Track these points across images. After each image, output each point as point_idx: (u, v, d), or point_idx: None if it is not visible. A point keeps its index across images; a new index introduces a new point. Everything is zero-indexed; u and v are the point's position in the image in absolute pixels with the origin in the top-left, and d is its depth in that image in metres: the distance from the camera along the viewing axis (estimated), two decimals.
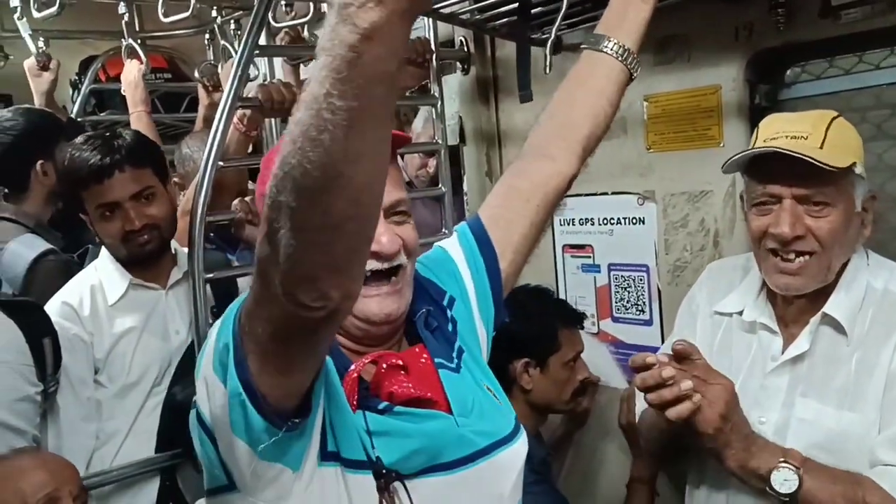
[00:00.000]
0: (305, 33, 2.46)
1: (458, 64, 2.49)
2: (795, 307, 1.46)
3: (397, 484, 1.01)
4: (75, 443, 1.81)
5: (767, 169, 1.39)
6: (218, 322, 0.97)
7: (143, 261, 1.93)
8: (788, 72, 1.92)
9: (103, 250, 1.97)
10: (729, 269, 1.63)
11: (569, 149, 1.32)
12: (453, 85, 2.50)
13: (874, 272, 1.43)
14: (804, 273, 1.38)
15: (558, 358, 2.01)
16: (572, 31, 2.14)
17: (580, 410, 2.14)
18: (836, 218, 1.35)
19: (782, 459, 1.31)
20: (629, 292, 2.22)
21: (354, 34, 0.64)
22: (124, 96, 2.91)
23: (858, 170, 1.37)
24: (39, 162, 2.28)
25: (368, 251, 0.87)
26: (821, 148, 1.34)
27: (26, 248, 2.11)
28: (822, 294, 1.42)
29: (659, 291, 2.15)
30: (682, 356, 1.36)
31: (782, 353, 1.46)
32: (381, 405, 1.05)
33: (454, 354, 1.17)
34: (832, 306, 1.41)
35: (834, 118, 1.42)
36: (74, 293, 1.89)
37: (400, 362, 1.10)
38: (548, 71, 1.45)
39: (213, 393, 0.95)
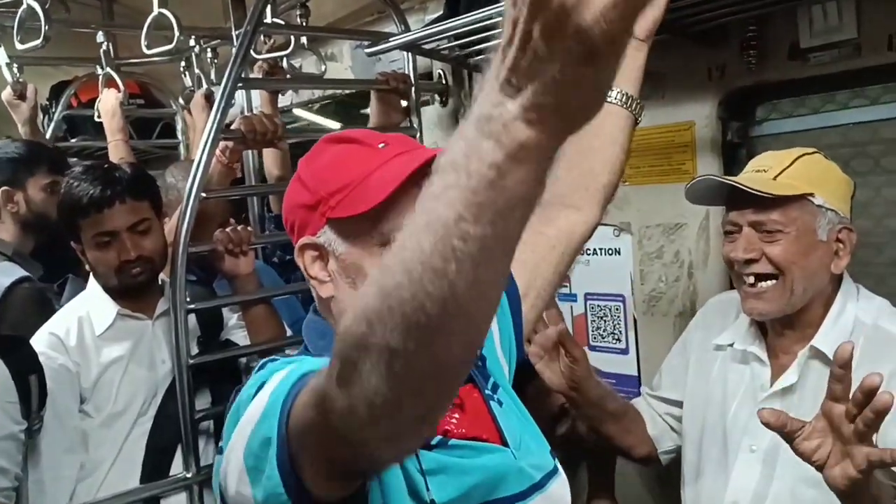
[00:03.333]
0: (285, 64, 2.48)
1: (436, 96, 2.52)
2: (786, 339, 1.51)
3: None
4: (57, 476, 1.79)
5: (732, 200, 1.50)
6: (251, 415, 0.86)
7: (133, 291, 1.94)
8: (759, 110, 1.99)
9: (91, 282, 1.97)
10: (726, 303, 1.67)
11: (592, 199, 1.35)
12: (431, 116, 2.54)
13: (863, 307, 1.47)
14: (766, 297, 1.45)
15: (534, 386, 2.03)
16: None
17: (558, 435, 2.16)
18: (788, 244, 1.42)
19: None
20: (605, 321, 2.26)
21: (500, 152, 0.55)
22: (95, 122, 2.91)
23: (818, 200, 1.43)
24: (2, 189, 2.28)
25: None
26: (774, 179, 1.45)
27: (1, 275, 2.10)
28: (812, 327, 1.47)
29: (635, 321, 2.19)
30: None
31: (771, 384, 1.50)
32: (435, 440, 1.00)
33: (490, 388, 1.15)
34: (820, 339, 1.45)
35: (806, 154, 1.51)
36: (61, 324, 1.89)
37: (457, 400, 1.06)
38: None
39: (242, 478, 0.86)
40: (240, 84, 1.99)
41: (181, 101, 2.95)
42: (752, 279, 1.46)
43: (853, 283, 1.52)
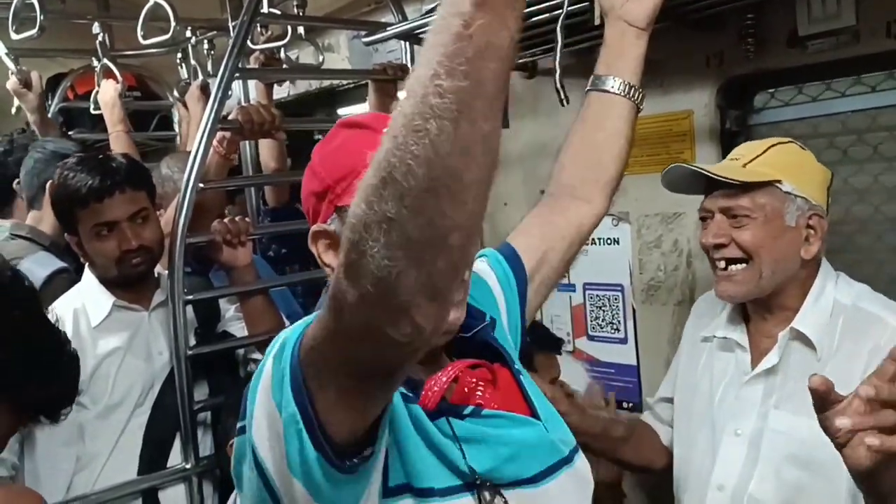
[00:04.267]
0: (282, 54, 2.47)
1: None
2: (767, 323, 1.54)
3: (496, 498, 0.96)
4: (53, 468, 1.79)
5: (707, 188, 1.54)
6: (270, 353, 0.88)
7: (130, 283, 1.93)
8: (758, 98, 1.98)
9: (86, 273, 1.96)
10: (711, 297, 1.69)
11: (602, 191, 1.37)
12: None
13: (842, 290, 1.50)
14: (735, 279, 1.49)
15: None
16: (546, 56, 2.19)
17: None
18: (756, 229, 1.46)
19: None
20: (604, 311, 2.26)
21: (465, 2, 0.59)
22: (93, 115, 2.90)
23: (787, 187, 1.46)
24: (49, 182, 2.27)
25: (469, 272, 0.77)
26: (744, 167, 1.50)
27: (39, 266, 2.13)
28: (791, 310, 1.50)
29: (633, 310, 2.19)
30: None
31: (752, 368, 1.53)
32: (468, 410, 1.01)
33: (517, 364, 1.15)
34: (800, 321, 1.48)
35: (780, 143, 1.54)
36: (56, 316, 1.87)
37: (489, 375, 1.06)
38: (565, 103, 1.50)
39: (271, 425, 0.86)
40: (237, 74, 1.99)
41: (176, 93, 2.93)
42: (723, 263, 1.51)
43: (832, 268, 1.54)
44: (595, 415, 1.68)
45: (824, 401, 1.08)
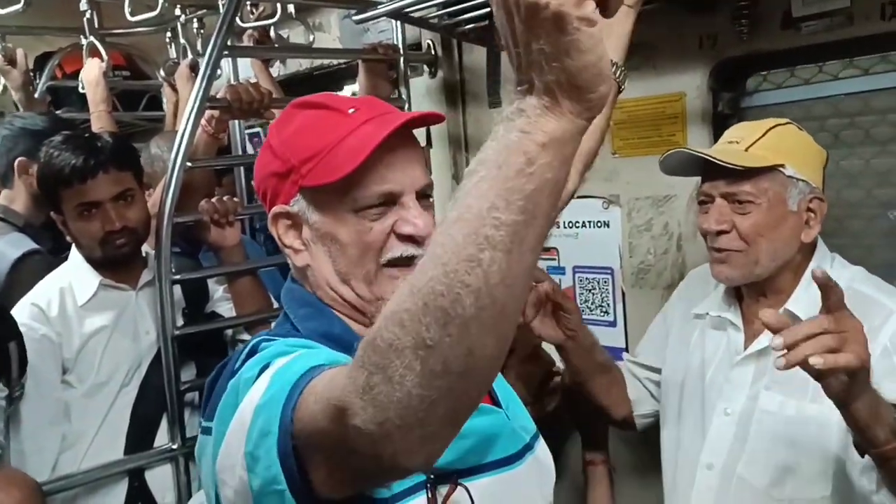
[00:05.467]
0: (273, 33, 2.45)
1: (425, 67, 2.50)
2: (761, 305, 1.53)
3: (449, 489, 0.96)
4: (39, 447, 1.78)
5: (705, 171, 1.52)
6: (252, 399, 0.85)
7: (116, 263, 1.91)
8: (750, 80, 1.97)
9: (73, 252, 1.95)
10: (706, 274, 1.68)
11: (574, 167, 1.33)
12: (420, 88, 2.51)
13: (837, 272, 1.48)
14: (732, 262, 1.49)
15: (514, 356, 2.01)
16: None
17: (547, 411, 2.15)
18: (759, 215, 1.45)
19: None
20: (594, 294, 2.25)
21: (527, 141, 0.62)
22: (81, 94, 2.86)
23: (789, 171, 1.45)
24: (19, 160, 2.25)
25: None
26: (745, 151, 1.47)
27: (11, 246, 2.10)
28: (785, 293, 1.50)
29: (623, 294, 2.19)
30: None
31: (745, 348, 1.53)
32: None
33: None
34: (793, 303, 1.48)
35: (779, 125, 1.52)
36: (43, 295, 1.88)
37: None
38: None
39: (237, 469, 0.85)
40: (225, 52, 1.96)
41: (163, 72, 2.90)
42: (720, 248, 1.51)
43: (828, 251, 1.54)
44: (589, 330, 1.73)
45: (832, 294, 1.15)
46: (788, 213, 1.46)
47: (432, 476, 0.95)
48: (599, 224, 2.22)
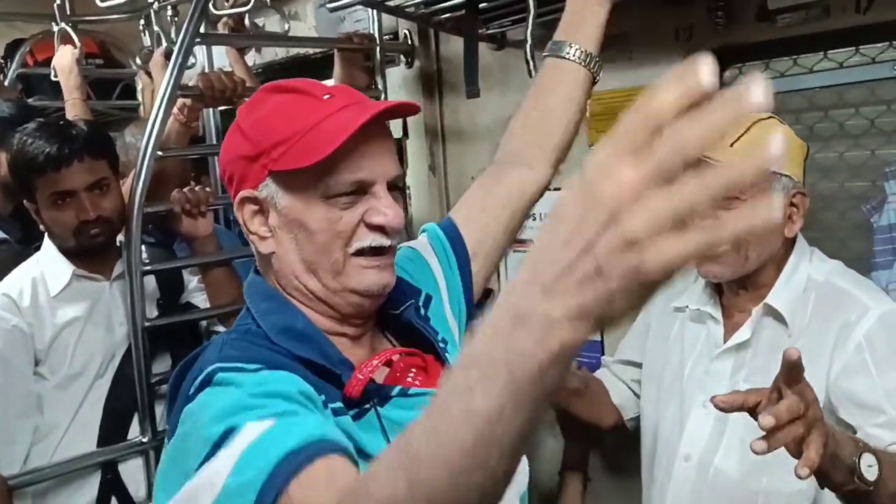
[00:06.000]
0: (247, 21, 2.42)
1: (401, 57, 2.48)
2: (741, 298, 1.53)
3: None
4: (9, 440, 1.75)
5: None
6: (214, 480, 0.79)
7: (90, 253, 1.88)
8: (726, 73, 1.97)
9: (46, 242, 1.92)
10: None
11: (545, 158, 1.31)
12: (397, 78, 2.49)
13: (816, 267, 1.50)
14: (721, 260, 1.47)
15: None
16: (515, 27, 2.16)
17: None
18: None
19: (862, 444, 1.24)
20: None
21: (543, 353, 0.56)
22: (53, 82, 2.81)
23: (773, 167, 1.42)
24: None
25: None
26: (730, 146, 1.42)
27: None
28: (765, 287, 1.50)
29: None
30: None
31: (724, 341, 1.53)
32: (395, 391, 1.00)
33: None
34: (773, 297, 1.48)
35: (761, 119, 1.49)
36: (15, 285, 1.85)
37: (421, 362, 1.06)
38: (533, 74, 1.45)
39: None
40: (198, 39, 1.93)
41: (138, 60, 2.86)
42: None
43: (808, 245, 1.54)
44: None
45: (798, 373, 1.11)
46: None
47: None
48: None
